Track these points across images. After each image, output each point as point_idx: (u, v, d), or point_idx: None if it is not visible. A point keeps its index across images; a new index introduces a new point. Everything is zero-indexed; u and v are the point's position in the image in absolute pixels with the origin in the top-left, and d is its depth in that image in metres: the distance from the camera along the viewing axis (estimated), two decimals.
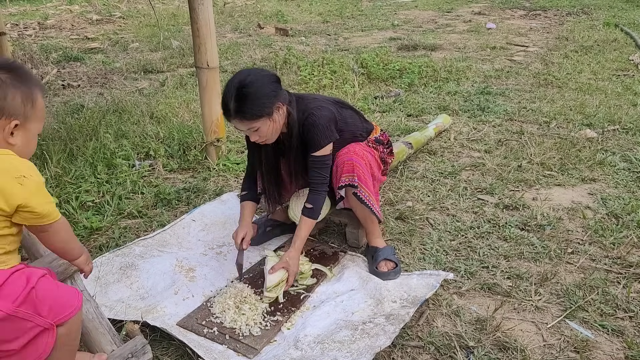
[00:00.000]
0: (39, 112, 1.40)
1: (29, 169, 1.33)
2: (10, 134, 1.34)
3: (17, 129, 1.35)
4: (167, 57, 6.56)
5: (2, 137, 1.33)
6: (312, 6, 10.82)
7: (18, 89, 1.33)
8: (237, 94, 1.99)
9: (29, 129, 1.38)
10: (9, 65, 1.37)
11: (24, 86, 1.35)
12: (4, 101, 1.31)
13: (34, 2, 11.35)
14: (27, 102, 1.35)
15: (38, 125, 1.42)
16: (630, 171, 3.24)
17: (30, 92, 1.36)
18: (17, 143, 1.36)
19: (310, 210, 2.26)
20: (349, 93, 4.90)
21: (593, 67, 5.58)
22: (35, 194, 1.32)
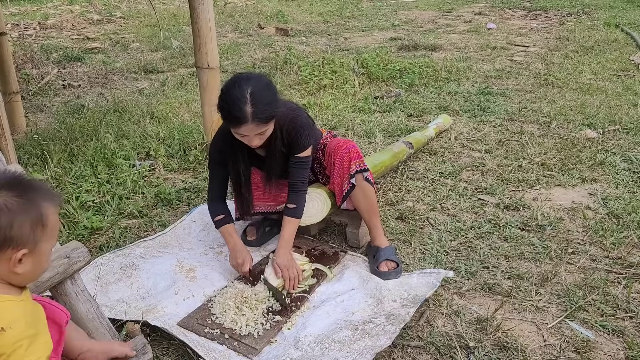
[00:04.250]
0: (51, 231, 1.24)
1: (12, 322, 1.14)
2: (19, 261, 1.19)
3: (27, 256, 1.19)
4: (168, 57, 6.57)
5: (7, 267, 1.18)
6: (313, 6, 10.82)
7: (26, 214, 1.17)
8: (252, 99, 1.98)
9: (40, 252, 1.22)
10: (14, 183, 1.20)
11: (33, 209, 1.19)
12: (10, 230, 1.15)
13: (34, 2, 11.36)
14: (36, 226, 1.19)
15: (52, 242, 1.26)
16: (631, 171, 3.24)
17: (40, 215, 1.19)
18: (24, 271, 1.20)
19: (294, 210, 2.29)
20: (350, 93, 4.90)
21: (594, 67, 5.58)
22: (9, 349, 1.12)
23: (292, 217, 2.29)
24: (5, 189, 1.17)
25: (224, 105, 2.04)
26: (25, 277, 1.23)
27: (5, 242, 1.15)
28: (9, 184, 1.19)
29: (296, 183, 2.30)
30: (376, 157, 3.08)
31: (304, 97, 4.82)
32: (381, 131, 3.96)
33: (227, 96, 2.02)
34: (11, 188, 1.18)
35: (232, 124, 2.05)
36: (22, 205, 1.17)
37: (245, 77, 2.06)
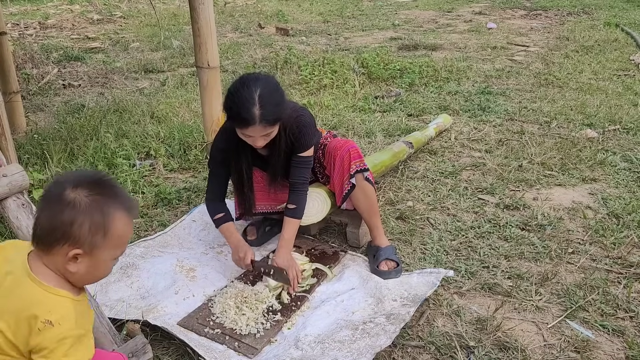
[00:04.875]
0: (114, 240, 1.22)
1: (63, 318, 1.13)
2: (74, 258, 1.19)
3: (82, 257, 1.19)
4: (168, 57, 6.57)
5: (62, 262, 1.19)
6: (313, 6, 10.82)
7: (89, 216, 1.17)
8: (261, 100, 1.98)
9: (97, 257, 1.21)
10: (94, 183, 1.20)
11: (99, 214, 1.18)
12: (70, 227, 1.15)
13: (34, 2, 11.36)
14: (96, 231, 1.18)
15: (113, 252, 1.24)
16: (631, 171, 3.24)
17: (104, 222, 1.18)
18: (77, 271, 1.20)
19: (294, 210, 2.28)
20: (350, 93, 4.90)
21: (594, 67, 5.58)
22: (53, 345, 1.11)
23: (292, 218, 2.28)
24: (83, 186, 1.18)
25: (232, 106, 2.03)
26: (79, 278, 1.23)
27: (63, 237, 1.16)
28: (89, 183, 1.20)
29: (297, 182, 2.30)
30: (376, 156, 3.08)
31: (304, 96, 4.82)
32: (381, 131, 3.96)
33: (235, 97, 2.01)
34: (89, 187, 1.19)
35: (240, 125, 2.05)
36: (88, 206, 1.17)
37: (253, 78, 2.05)
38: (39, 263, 1.20)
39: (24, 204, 1.82)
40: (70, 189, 1.17)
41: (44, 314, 1.12)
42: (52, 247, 1.17)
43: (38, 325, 1.10)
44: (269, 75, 2.14)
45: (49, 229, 1.16)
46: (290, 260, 2.22)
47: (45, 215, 1.18)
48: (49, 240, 1.17)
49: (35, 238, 1.20)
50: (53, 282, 1.19)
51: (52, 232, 1.16)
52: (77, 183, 1.19)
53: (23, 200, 1.83)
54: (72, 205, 1.16)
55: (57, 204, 1.16)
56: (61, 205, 1.16)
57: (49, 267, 1.19)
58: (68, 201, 1.16)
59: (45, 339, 1.11)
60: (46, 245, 1.18)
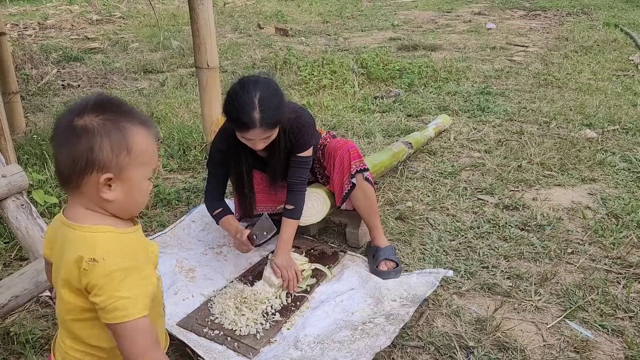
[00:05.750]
0: (140, 157, 1.14)
1: (107, 252, 1.09)
2: (107, 185, 1.12)
3: (114, 182, 1.12)
4: (167, 57, 6.56)
5: (95, 194, 1.12)
6: (312, 6, 10.82)
7: (107, 136, 1.10)
8: (261, 104, 1.98)
9: (129, 178, 1.14)
10: (100, 104, 1.14)
11: (115, 131, 1.11)
12: (91, 153, 1.09)
13: (34, 2, 11.35)
14: (119, 150, 1.11)
15: (143, 170, 1.17)
16: (630, 171, 3.24)
17: (123, 138, 1.11)
18: (115, 198, 1.13)
19: (292, 211, 2.28)
20: (349, 93, 4.90)
21: (593, 67, 5.58)
22: (101, 281, 1.07)
23: (290, 219, 2.28)
24: (90, 110, 1.12)
25: (231, 110, 2.02)
26: (120, 206, 1.16)
27: (88, 166, 1.09)
28: (94, 106, 1.12)
29: (295, 183, 2.29)
30: (375, 157, 3.08)
31: (303, 97, 4.83)
32: (380, 131, 3.96)
33: (235, 101, 2.01)
34: (96, 110, 1.12)
35: (240, 129, 2.05)
36: (102, 127, 1.10)
37: (253, 81, 2.04)
38: (74, 207, 1.15)
39: (23, 204, 1.82)
40: (77, 116, 1.10)
41: (88, 253, 1.07)
42: (81, 180, 1.11)
43: (84, 266, 1.06)
44: (268, 77, 2.13)
45: (71, 162, 1.09)
46: (288, 261, 2.22)
47: (62, 152, 1.10)
48: (76, 174, 1.10)
49: (62, 180, 1.14)
50: (90, 220, 1.13)
51: (75, 165, 1.09)
52: (81, 109, 1.12)
53: (22, 200, 1.83)
54: (85, 130, 1.09)
55: (70, 135, 1.10)
56: (74, 134, 1.09)
57: (86, 206, 1.14)
58: (80, 128, 1.09)
59: (93, 277, 1.06)
60: (74, 181, 1.11)
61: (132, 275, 1.09)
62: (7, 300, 1.58)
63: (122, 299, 1.06)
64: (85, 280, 1.07)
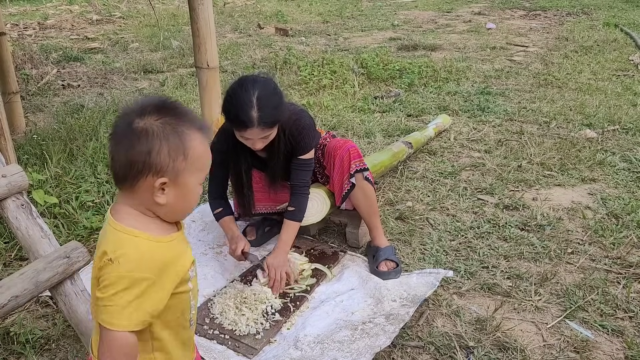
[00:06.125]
0: (196, 162, 1.14)
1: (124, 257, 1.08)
2: (161, 189, 1.12)
3: (168, 186, 1.12)
4: (167, 57, 6.56)
5: (148, 196, 1.12)
6: (312, 6, 10.82)
7: (165, 140, 1.10)
8: (259, 103, 1.97)
9: (184, 184, 1.14)
10: (160, 107, 1.14)
11: (174, 136, 1.11)
12: (148, 156, 1.09)
13: (34, 2, 11.35)
14: (176, 155, 1.11)
15: (198, 175, 1.17)
16: (630, 171, 3.24)
17: (181, 143, 1.11)
18: (167, 202, 1.13)
19: (294, 212, 2.28)
20: (349, 93, 4.90)
21: (593, 67, 5.58)
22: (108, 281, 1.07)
23: (292, 220, 2.28)
24: (150, 112, 1.12)
25: (230, 108, 2.02)
26: (170, 210, 1.16)
27: (145, 168, 1.09)
28: (155, 108, 1.13)
29: (298, 185, 2.29)
30: (375, 157, 3.08)
31: (303, 97, 4.83)
32: (381, 131, 3.96)
33: (233, 99, 2.01)
34: (156, 112, 1.12)
35: (238, 128, 2.05)
36: (161, 130, 1.10)
37: (252, 80, 2.04)
38: (123, 205, 1.15)
39: (23, 204, 1.81)
40: (138, 117, 1.10)
41: (110, 251, 1.08)
42: (136, 182, 1.11)
43: (102, 263, 1.08)
44: (267, 77, 2.13)
45: (128, 163, 1.09)
46: (281, 262, 2.19)
47: (120, 152, 1.11)
48: (131, 176, 1.10)
49: (116, 179, 1.14)
50: (128, 221, 1.13)
51: (132, 166, 1.09)
52: (142, 111, 1.12)
53: (22, 200, 1.82)
54: (145, 133, 1.09)
55: (130, 136, 1.09)
56: (134, 136, 1.09)
57: (135, 207, 1.14)
58: (140, 130, 1.09)
59: (104, 273, 1.08)
60: (129, 182, 1.12)
61: (138, 287, 1.07)
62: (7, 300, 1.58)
63: (114, 305, 1.06)
64: (99, 274, 1.08)
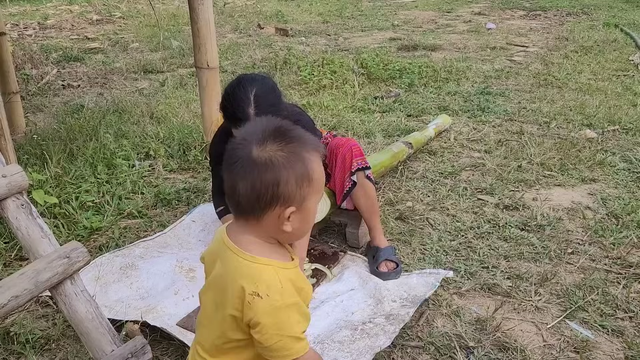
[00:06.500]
0: (317, 185, 1.13)
1: (269, 288, 1.07)
2: (287, 219, 1.11)
3: (294, 214, 1.11)
4: (167, 57, 6.56)
5: (274, 226, 1.11)
6: (312, 6, 10.81)
7: (292, 169, 1.07)
8: (256, 101, 1.98)
9: (307, 208, 1.13)
10: (278, 134, 1.10)
11: (299, 163, 1.08)
12: (277, 188, 1.06)
13: (34, 2, 11.35)
14: (302, 182, 1.08)
15: (317, 197, 1.15)
16: (630, 171, 3.24)
17: (305, 169, 1.08)
18: (292, 229, 1.11)
19: None
20: (349, 93, 4.90)
21: (593, 67, 5.58)
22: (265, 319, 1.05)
23: None
24: (270, 141, 1.08)
25: (227, 105, 2.03)
26: (293, 235, 1.15)
27: (273, 200, 1.07)
28: (274, 135, 1.09)
29: None
30: (376, 157, 3.08)
31: (303, 97, 4.83)
32: (381, 131, 3.96)
33: (230, 97, 2.02)
34: (275, 140, 1.08)
35: (235, 125, 2.05)
36: (286, 160, 1.07)
37: (250, 78, 2.05)
38: (245, 234, 1.13)
39: (23, 204, 1.81)
40: (258, 147, 1.07)
41: (251, 286, 1.06)
42: (263, 214, 1.09)
43: (247, 299, 1.06)
44: (266, 76, 2.13)
45: (255, 196, 1.07)
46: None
47: (244, 185, 1.07)
48: (259, 208, 1.08)
49: (239, 209, 1.12)
50: (255, 250, 1.11)
51: (258, 199, 1.07)
52: (261, 140, 1.08)
53: (22, 200, 1.82)
54: (271, 164, 1.06)
55: (254, 168, 1.06)
56: (259, 168, 1.06)
57: (257, 235, 1.13)
58: (264, 161, 1.06)
59: (257, 312, 1.05)
60: (255, 213, 1.09)
61: (294, 312, 1.09)
62: (7, 300, 1.57)
63: (285, 337, 1.07)
64: (250, 315, 1.06)
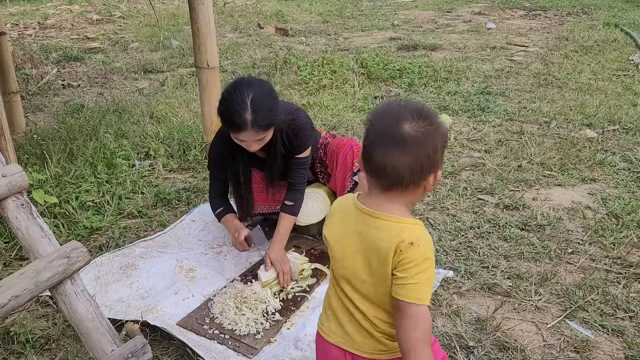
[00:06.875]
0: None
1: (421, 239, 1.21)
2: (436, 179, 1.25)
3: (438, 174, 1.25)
4: (167, 57, 6.56)
5: (422, 190, 1.24)
6: (312, 6, 10.81)
7: (439, 136, 1.22)
8: (253, 106, 1.97)
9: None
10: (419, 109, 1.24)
11: (441, 128, 1.24)
12: (434, 156, 1.21)
13: (34, 2, 11.35)
14: (445, 145, 1.25)
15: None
16: (630, 171, 3.24)
17: (445, 132, 1.26)
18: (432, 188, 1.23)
19: (291, 207, 2.32)
20: (349, 93, 4.90)
21: (593, 67, 5.58)
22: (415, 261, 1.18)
23: (288, 214, 2.32)
24: (416, 118, 1.20)
25: (224, 110, 2.02)
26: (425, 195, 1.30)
27: (432, 166, 1.20)
28: (416, 112, 1.21)
29: (295, 182, 2.32)
30: None
31: (303, 97, 4.82)
32: None
33: (227, 101, 2.01)
34: (419, 115, 1.21)
35: (232, 130, 2.05)
36: (435, 130, 1.20)
37: (246, 83, 2.04)
38: (387, 204, 1.24)
39: (23, 204, 1.81)
40: (410, 125, 1.19)
41: (407, 237, 1.19)
42: (420, 181, 1.21)
43: (402, 247, 1.18)
44: (263, 80, 2.13)
45: (419, 167, 1.19)
46: (282, 255, 2.23)
47: (406, 159, 1.18)
48: (418, 177, 1.20)
49: (390, 184, 1.22)
50: (397, 212, 1.23)
51: (422, 169, 1.19)
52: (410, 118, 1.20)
53: (22, 200, 1.82)
54: (429, 137, 1.19)
55: (415, 143, 1.18)
56: (418, 142, 1.18)
57: (401, 203, 1.24)
58: (422, 136, 1.19)
59: (408, 255, 1.18)
60: (413, 182, 1.21)
61: (432, 266, 1.21)
62: (7, 300, 1.57)
63: (420, 283, 1.18)
64: (400, 257, 1.19)
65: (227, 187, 2.42)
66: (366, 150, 1.23)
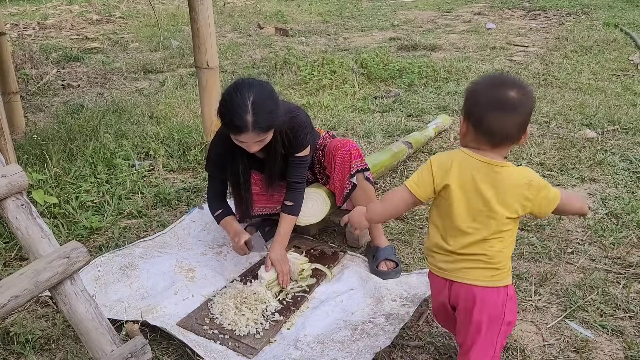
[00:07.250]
0: None
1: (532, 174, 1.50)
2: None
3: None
4: (167, 57, 6.56)
5: (517, 143, 1.53)
6: (312, 6, 10.82)
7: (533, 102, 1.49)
8: (254, 108, 1.97)
9: None
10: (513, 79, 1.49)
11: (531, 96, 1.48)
12: (530, 116, 1.48)
13: (33, 2, 11.35)
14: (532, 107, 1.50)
15: None
16: (630, 171, 3.24)
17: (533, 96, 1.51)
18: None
19: (291, 207, 2.31)
20: (349, 93, 4.90)
21: (593, 67, 5.58)
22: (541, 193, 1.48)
23: (289, 215, 2.31)
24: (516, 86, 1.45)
25: (224, 112, 2.02)
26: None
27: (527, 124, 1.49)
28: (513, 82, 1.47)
29: (295, 182, 2.31)
30: (375, 157, 3.08)
31: (303, 97, 4.83)
32: (380, 131, 3.96)
33: (228, 103, 2.00)
34: (515, 84, 1.46)
35: (233, 132, 2.05)
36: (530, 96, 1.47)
37: (247, 84, 2.03)
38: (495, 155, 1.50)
39: (23, 204, 1.81)
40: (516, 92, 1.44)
41: (529, 177, 1.48)
42: (522, 135, 1.49)
43: (528, 183, 1.47)
44: (263, 81, 2.12)
45: (523, 123, 1.46)
46: (283, 256, 2.23)
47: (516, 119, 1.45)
48: (521, 132, 1.48)
49: (499, 141, 1.48)
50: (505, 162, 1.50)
51: (524, 128, 1.48)
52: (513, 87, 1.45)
53: (22, 200, 1.82)
54: (529, 100, 1.46)
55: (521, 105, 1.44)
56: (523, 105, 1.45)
57: (502, 155, 1.51)
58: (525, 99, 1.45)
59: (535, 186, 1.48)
60: (517, 137, 1.49)
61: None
62: (7, 300, 1.57)
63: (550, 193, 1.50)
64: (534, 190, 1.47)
65: (226, 188, 2.42)
66: (477, 115, 1.46)
